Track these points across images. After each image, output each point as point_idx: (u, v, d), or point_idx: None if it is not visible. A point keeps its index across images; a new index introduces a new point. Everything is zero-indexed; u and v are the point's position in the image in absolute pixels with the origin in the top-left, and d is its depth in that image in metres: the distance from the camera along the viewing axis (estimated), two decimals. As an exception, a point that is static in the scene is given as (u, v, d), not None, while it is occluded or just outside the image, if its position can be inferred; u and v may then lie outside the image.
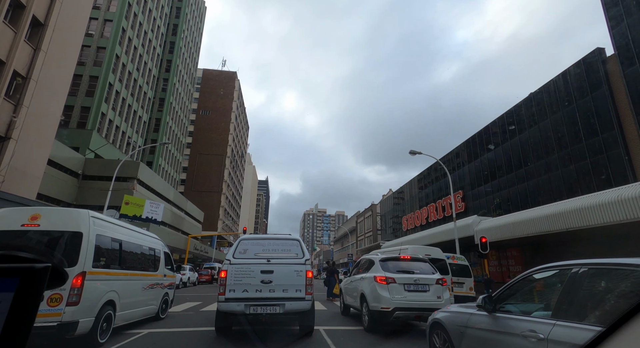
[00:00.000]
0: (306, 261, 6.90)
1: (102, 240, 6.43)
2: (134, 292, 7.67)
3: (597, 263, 2.65)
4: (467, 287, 13.95)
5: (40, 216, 5.97)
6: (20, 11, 17.72)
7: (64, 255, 5.74)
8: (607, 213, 13.51)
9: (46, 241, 5.90)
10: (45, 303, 5.35)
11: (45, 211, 6.19)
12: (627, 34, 17.96)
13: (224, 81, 79.05)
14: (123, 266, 7.22)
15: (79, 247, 5.81)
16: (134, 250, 7.95)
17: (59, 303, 5.42)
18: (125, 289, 7.18)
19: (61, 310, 5.38)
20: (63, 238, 5.91)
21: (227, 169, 72.19)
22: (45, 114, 19.40)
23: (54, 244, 5.86)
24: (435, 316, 4.62)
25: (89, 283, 5.83)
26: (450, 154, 35.65)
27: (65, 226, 6.00)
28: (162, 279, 9.52)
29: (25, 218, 5.95)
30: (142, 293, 8.14)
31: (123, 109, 37.70)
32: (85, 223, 6.09)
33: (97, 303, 6.05)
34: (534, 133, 23.81)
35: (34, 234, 5.86)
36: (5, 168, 16.05)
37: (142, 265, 8.26)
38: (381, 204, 59.61)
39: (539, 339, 2.67)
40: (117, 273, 6.90)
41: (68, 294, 5.51)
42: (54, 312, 5.36)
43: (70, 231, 5.92)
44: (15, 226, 5.84)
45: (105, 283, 6.41)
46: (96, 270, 6.11)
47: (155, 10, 45.56)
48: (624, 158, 17.68)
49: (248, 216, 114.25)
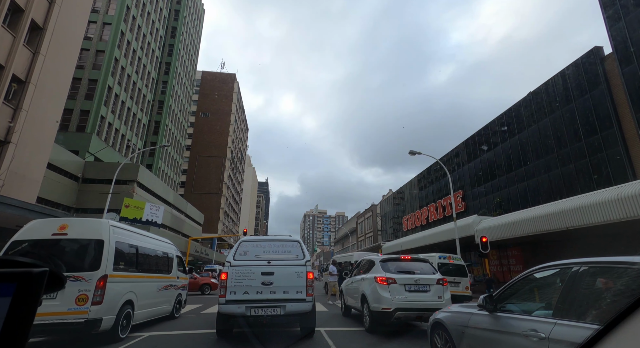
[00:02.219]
0: (307, 262, 6.89)
1: (121, 246, 7.16)
2: (150, 293, 8.34)
3: (598, 261, 2.65)
4: (463, 287, 14.11)
5: (67, 226, 6.75)
6: (19, 15, 17.75)
7: (88, 260, 6.49)
8: (607, 211, 13.50)
9: (73, 248, 6.69)
10: (74, 302, 6.05)
11: (72, 221, 6.92)
12: (625, 32, 17.99)
13: (223, 83, 79.14)
14: (140, 269, 7.90)
15: (101, 253, 6.53)
16: (149, 254, 8.67)
17: (85, 302, 6.10)
18: (142, 290, 7.87)
19: (87, 309, 6.06)
20: (87, 245, 6.65)
21: (226, 171, 72.19)
22: (45, 117, 19.40)
23: (79, 250, 6.64)
24: (436, 316, 4.62)
25: (110, 285, 6.51)
26: (450, 154, 35.66)
27: (89, 234, 6.73)
28: (175, 281, 10.13)
29: (55, 228, 6.70)
30: (158, 294, 8.82)
31: (122, 112, 37.71)
32: (106, 231, 6.83)
33: (117, 303, 6.72)
34: (533, 132, 23.83)
35: (62, 242, 6.63)
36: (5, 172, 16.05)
37: (156, 268, 8.98)
38: (381, 205, 59.59)
39: (540, 338, 2.67)
40: (135, 275, 7.59)
41: (93, 294, 6.17)
42: (81, 310, 6.05)
43: (94, 239, 6.65)
44: (47, 235, 6.58)
45: (124, 285, 7.07)
46: (116, 273, 6.79)
47: (153, 13, 45.63)
48: (623, 156, 17.69)
49: (248, 218, 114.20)
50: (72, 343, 6.75)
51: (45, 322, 5.81)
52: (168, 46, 54.83)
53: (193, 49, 66.27)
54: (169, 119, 52.93)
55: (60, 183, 27.03)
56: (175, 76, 55.04)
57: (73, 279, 6.17)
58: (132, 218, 27.93)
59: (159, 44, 48.83)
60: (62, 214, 17.93)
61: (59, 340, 6.99)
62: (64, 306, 6.01)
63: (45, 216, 15.71)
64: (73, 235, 6.67)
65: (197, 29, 68.99)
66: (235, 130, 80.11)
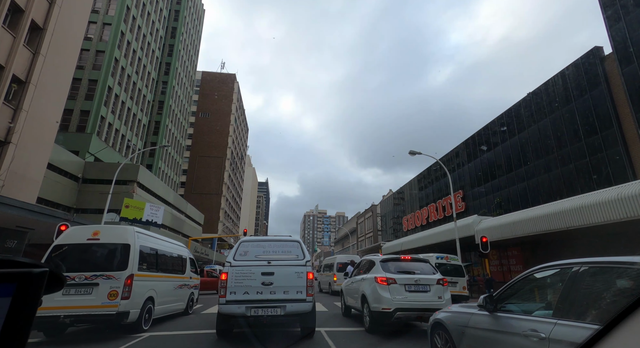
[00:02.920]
0: (307, 262, 6.89)
1: (143, 249, 8.14)
2: (167, 291, 9.28)
3: (598, 261, 2.65)
4: (460, 286, 14.27)
5: (99, 232, 7.73)
6: (19, 16, 17.76)
7: (117, 261, 7.41)
8: (607, 211, 13.51)
9: (104, 251, 7.62)
10: (106, 297, 6.97)
11: (103, 228, 7.89)
12: (625, 32, 18.00)
13: (223, 83, 79.15)
14: (159, 270, 8.89)
15: (127, 255, 7.45)
16: (167, 256, 9.65)
17: (116, 297, 7.00)
18: (161, 288, 8.81)
19: (117, 303, 6.97)
20: (116, 248, 7.58)
21: (227, 171, 72.19)
22: (45, 118, 19.41)
23: (110, 253, 7.57)
24: (436, 316, 4.62)
25: (135, 282, 7.38)
26: (450, 154, 35.67)
27: (117, 239, 7.69)
28: (188, 280, 11.02)
29: (89, 234, 7.69)
30: (174, 292, 9.76)
31: (122, 113, 37.73)
32: (132, 236, 7.81)
33: (141, 299, 7.64)
34: (533, 132, 23.83)
35: (95, 246, 7.63)
36: (5, 172, 16.06)
37: (172, 269, 9.96)
38: (381, 205, 59.60)
39: (540, 338, 2.66)
40: (155, 275, 8.58)
41: (122, 290, 7.06)
42: (112, 304, 6.94)
43: (121, 243, 7.61)
44: (83, 239, 7.63)
45: (147, 283, 7.99)
46: (140, 272, 7.73)
47: (153, 13, 45.65)
48: (623, 156, 17.69)
49: (248, 218, 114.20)
50: (103, 333, 7.80)
51: (84, 314, 6.81)
52: (168, 46, 54.85)
53: (193, 49, 66.29)
54: (169, 119, 52.94)
55: (60, 183, 27.03)
56: (175, 76, 55.06)
57: (106, 277, 7.11)
58: (132, 219, 27.92)
59: (159, 44, 48.85)
60: (62, 214, 17.93)
61: (95, 329, 8.15)
62: (99, 300, 6.94)
63: (46, 217, 15.72)
64: (104, 239, 7.66)
65: (197, 30, 69.01)
66: (235, 130, 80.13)
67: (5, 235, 16.88)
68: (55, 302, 6.71)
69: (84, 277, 7.04)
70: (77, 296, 6.89)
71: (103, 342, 6.78)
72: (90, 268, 7.22)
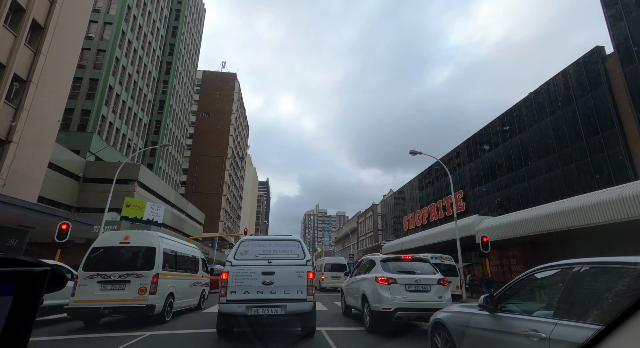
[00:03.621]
0: (307, 262, 6.89)
1: (166, 251, 9.31)
2: (184, 288, 10.45)
3: (599, 261, 2.65)
4: (454, 286, 14.45)
5: (129, 237, 8.97)
6: (20, 15, 17.77)
7: (145, 262, 8.61)
8: (608, 211, 13.48)
9: (134, 253, 8.79)
10: (137, 292, 8.18)
11: (132, 233, 9.16)
12: (627, 32, 17.95)
13: (223, 83, 79.12)
14: (177, 269, 10.05)
15: (153, 257, 8.67)
16: (183, 257, 10.83)
17: (145, 292, 8.22)
18: (180, 285, 9.97)
19: (146, 297, 8.17)
20: (144, 251, 8.81)
21: (227, 170, 72.21)
22: (46, 117, 19.43)
23: (139, 255, 8.77)
24: (436, 316, 4.61)
25: (160, 280, 8.55)
26: (450, 153, 35.63)
27: (145, 243, 8.89)
28: (200, 279, 12.23)
29: (121, 238, 8.91)
30: (189, 289, 10.91)
31: (123, 112, 37.76)
32: (156, 240, 9.03)
33: (165, 294, 8.78)
34: (535, 132, 23.79)
35: (127, 248, 8.84)
36: (6, 172, 16.08)
37: (188, 268, 11.11)
38: (382, 205, 59.58)
39: (540, 338, 2.66)
40: (175, 274, 9.73)
41: (149, 287, 8.26)
42: (143, 298, 8.17)
43: (148, 247, 8.83)
44: (116, 243, 8.82)
45: (168, 281, 9.14)
46: (164, 271, 8.89)
47: (154, 12, 45.65)
48: (624, 156, 17.66)
49: (249, 217, 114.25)
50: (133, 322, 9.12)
51: (119, 306, 8.08)
52: (169, 45, 54.86)
53: (194, 48, 66.29)
54: (170, 118, 52.97)
55: (61, 182, 27.08)
56: (176, 76, 55.08)
57: (136, 275, 8.34)
58: (132, 218, 27.97)
59: (160, 43, 48.86)
60: (63, 213, 17.96)
61: (128, 319, 9.53)
62: (131, 295, 8.16)
63: (47, 216, 15.75)
64: (134, 243, 8.86)
65: (197, 29, 69.00)
66: (236, 130, 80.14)
67: (6, 233, 16.91)
68: (95, 296, 8.02)
69: (118, 275, 8.30)
70: (112, 291, 8.15)
71: (103, 341, 6.80)
72: (123, 268, 8.46)
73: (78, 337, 7.33)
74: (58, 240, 14.17)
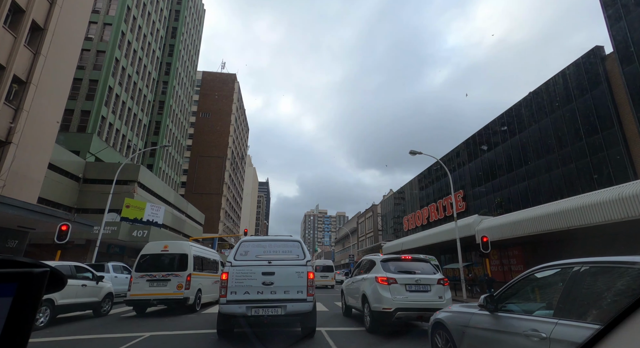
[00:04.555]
0: (307, 262, 6.89)
1: (195, 256, 11.85)
2: (208, 285, 12.83)
3: (599, 261, 2.65)
4: None
5: (168, 246, 11.67)
6: (20, 16, 17.78)
7: (181, 265, 11.21)
8: (607, 211, 13.48)
9: (172, 258, 11.44)
10: (175, 288, 10.78)
11: (170, 243, 11.86)
12: (626, 32, 17.97)
13: (223, 84, 79.12)
14: (203, 270, 12.53)
15: (186, 261, 11.30)
16: (207, 261, 13.30)
17: (181, 288, 10.81)
18: (205, 283, 12.43)
19: (182, 292, 10.78)
20: (180, 256, 11.42)
21: (227, 171, 72.20)
22: (46, 118, 19.43)
23: (176, 259, 11.41)
24: (437, 316, 4.61)
25: (192, 278, 11.09)
26: (450, 153, 35.64)
27: (180, 250, 11.54)
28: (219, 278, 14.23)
29: (162, 247, 11.61)
30: (211, 286, 13.16)
31: (123, 113, 37.76)
32: (188, 248, 11.68)
33: (195, 289, 11.30)
34: (534, 132, 23.80)
35: (166, 255, 11.50)
36: (6, 173, 16.07)
37: (210, 269, 13.52)
38: (382, 205, 59.57)
39: (541, 338, 2.66)
40: (202, 274, 12.19)
41: (185, 284, 10.80)
42: (180, 292, 10.76)
43: (182, 253, 11.47)
44: (158, 251, 11.55)
45: (198, 279, 11.64)
46: (194, 272, 11.38)
47: (154, 13, 45.67)
48: (624, 155, 17.67)
49: (249, 217, 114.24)
50: (173, 311, 11.51)
51: (163, 298, 10.73)
52: (168, 46, 54.85)
53: (193, 49, 66.30)
54: (170, 119, 52.96)
55: (61, 183, 27.06)
56: (176, 76, 55.07)
57: (174, 275, 10.95)
58: (132, 218, 27.96)
59: (160, 44, 48.87)
60: (63, 214, 17.96)
61: (169, 309, 11.99)
62: (171, 290, 10.77)
63: (47, 217, 15.75)
64: (171, 251, 11.52)
65: (197, 30, 69.02)
66: (235, 130, 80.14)
67: (6, 234, 16.91)
68: (145, 291, 10.67)
69: (161, 275, 10.93)
70: (158, 287, 10.79)
71: (104, 342, 6.80)
72: (165, 269, 11.13)
73: (79, 337, 7.33)
74: (58, 241, 14.18)
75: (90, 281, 10.23)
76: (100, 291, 10.70)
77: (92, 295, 10.24)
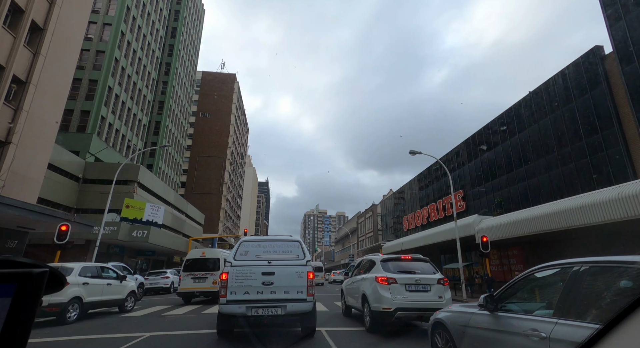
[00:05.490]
0: (307, 262, 6.88)
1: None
2: None
3: (598, 261, 2.65)
4: None
5: (205, 252, 15.35)
6: (20, 16, 17.77)
7: (215, 266, 14.75)
8: (607, 210, 13.48)
9: (209, 262, 14.94)
10: (212, 284, 14.17)
11: (207, 250, 15.63)
12: (626, 31, 17.97)
13: (223, 84, 79.08)
14: None
15: (219, 263, 14.84)
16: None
17: (216, 284, 13.80)
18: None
19: (217, 287, 11.10)
20: (214, 260, 15.02)
21: (227, 171, 72.18)
22: (45, 118, 19.41)
23: (212, 262, 14.93)
24: (437, 316, 4.61)
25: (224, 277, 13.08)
26: (450, 153, 35.64)
27: (214, 255, 15.19)
28: None
29: (200, 253, 15.30)
30: None
31: (123, 113, 37.74)
32: (219, 254, 15.33)
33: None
34: (534, 132, 23.81)
35: (204, 259, 15.02)
36: (5, 173, 16.06)
37: None
38: (382, 205, 59.58)
39: (541, 338, 2.66)
40: None
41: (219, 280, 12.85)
42: (215, 287, 13.41)
43: (216, 257, 15.12)
44: (198, 256, 15.21)
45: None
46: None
47: (154, 13, 45.65)
48: (623, 155, 17.67)
49: (249, 217, 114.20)
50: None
51: (205, 291, 14.40)
52: (168, 46, 54.83)
53: (193, 49, 66.27)
54: (169, 119, 52.94)
55: (60, 183, 27.06)
56: (176, 76, 55.05)
57: (211, 274, 14.45)
58: (132, 219, 27.96)
59: (159, 44, 48.85)
60: (62, 215, 17.95)
61: (208, 300, 15.66)
62: (209, 285, 14.28)
63: (46, 217, 15.74)
64: (208, 256, 15.13)
65: (197, 30, 68.99)
66: (235, 130, 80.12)
67: (6, 235, 16.89)
68: (191, 285, 14.26)
69: (201, 274, 14.48)
70: (200, 283, 14.38)
71: (105, 342, 6.78)
72: (204, 270, 14.63)
73: (79, 338, 7.33)
74: (58, 241, 14.17)
75: (114, 280, 11.29)
76: (124, 289, 11.75)
77: (116, 292, 11.28)
